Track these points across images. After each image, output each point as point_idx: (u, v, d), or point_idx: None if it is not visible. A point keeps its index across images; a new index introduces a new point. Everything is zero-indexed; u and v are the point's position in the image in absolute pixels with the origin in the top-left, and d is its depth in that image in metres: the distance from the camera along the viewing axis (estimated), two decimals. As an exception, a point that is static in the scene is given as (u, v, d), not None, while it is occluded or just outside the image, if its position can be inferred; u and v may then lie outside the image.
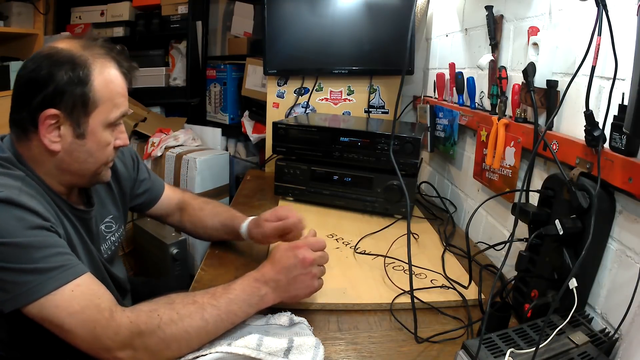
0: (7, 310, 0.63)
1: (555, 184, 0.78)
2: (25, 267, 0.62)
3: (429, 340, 0.74)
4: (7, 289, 0.62)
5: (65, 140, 0.71)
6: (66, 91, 0.68)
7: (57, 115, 0.69)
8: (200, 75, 2.52)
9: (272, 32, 1.66)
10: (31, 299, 0.62)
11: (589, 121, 0.71)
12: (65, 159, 0.73)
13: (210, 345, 0.67)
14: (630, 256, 0.67)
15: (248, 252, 1.03)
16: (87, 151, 0.74)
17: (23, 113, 0.69)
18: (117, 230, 0.95)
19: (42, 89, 0.68)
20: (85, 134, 0.72)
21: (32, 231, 0.64)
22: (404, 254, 0.86)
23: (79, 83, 0.69)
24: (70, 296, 0.63)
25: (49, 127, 0.69)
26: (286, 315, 0.74)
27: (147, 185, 1.03)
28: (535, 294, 0.77)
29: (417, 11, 1.68)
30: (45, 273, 0.63)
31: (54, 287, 0.62)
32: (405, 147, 1.20)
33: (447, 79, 1.43)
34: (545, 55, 0.88)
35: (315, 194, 1.33)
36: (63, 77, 0.68)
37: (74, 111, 0.70)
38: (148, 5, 2.48)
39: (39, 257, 0.63)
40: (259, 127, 2.29)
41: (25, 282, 0.62)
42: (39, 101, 0.68)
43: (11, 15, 2.25)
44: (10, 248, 0.62)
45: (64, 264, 0.65)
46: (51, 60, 0.69)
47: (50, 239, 0.66)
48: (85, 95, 0.70)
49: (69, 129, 0.71)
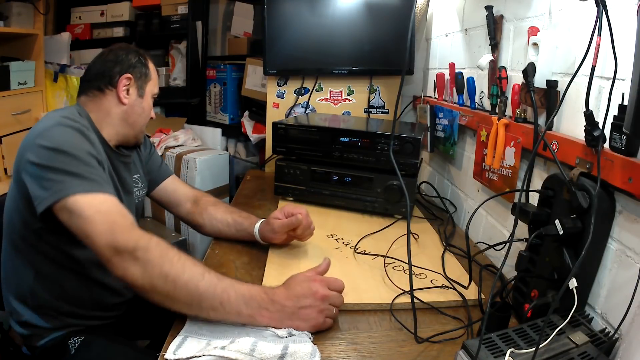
0: (44, 206, 0.77)
1: (555, 184, 0.78)
2: (72, 171, 0.79)
3: (429, 340, 0.74)
4: (49, 187, 0.78)
5: (131, 97, 1.01)
6: (137, 66, 1.02)
7: (130, 78, 1.00)
8: (200, 75, 2.53)
9: (272, 32, 1.66)
10: (69, 193, 0.76)
11: (589, 121, 0.71)
12: (129, 110, 1.01)
13: (205, 345, 0.67)
14: (630, 256, 0.67)
15: (248, 252, 1.03)
16: (142, 108, 1.04)
17: (105, 79, 0.98)
18: (141, 189, 1.14)
19: (122, 64, 1.00)
20: (143, 95, 1.04)
21: (87, 154, 0.84)
22: (404, 254, 0.86)
23: (142, 64, 1.03)
24: (101, 200, 0.78)
25: (124, 86, 0.99)
26: (284, 329, 0.72)
27: (155, 167, 1.20)
28: (535, 294, 0.77)
29: (417, 11, 1.68)
30: (85, 179, 0.79)
31: (90, 190, 0.78)
32: (405, 147, 1.20)
33: (447, 79, 1.43)
34: (545, 55, 0.88)
35: (315, 194, 1.33)
36: (133, 59, 1.02)
37: (140, 79, 1.02)
38: (148, 5, 2.49)
39: (84, 168, 0.81)
40: (259, 127, 2.29)
41: (68, 181, 0.78)
42: (118, 70, 0.99)
43: (11, 15, 2.25)
44: (65, 156, 0.80)
45: (101, 182, 0.82)
46: (126, 51, 1.02)
47: (95, 164, 0.85)
48: (145, 72, 1.04)
49: (135, 90, 1.01)
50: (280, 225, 0.97)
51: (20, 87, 2.26)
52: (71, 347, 0.94)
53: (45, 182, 0.78)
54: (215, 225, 1.10)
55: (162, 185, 1.19)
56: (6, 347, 1.02)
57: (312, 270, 0.80)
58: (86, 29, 2.67)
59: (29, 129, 0.90)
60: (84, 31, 2.68)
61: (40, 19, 2.37)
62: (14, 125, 2.20)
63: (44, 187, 0.78)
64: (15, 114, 2.22)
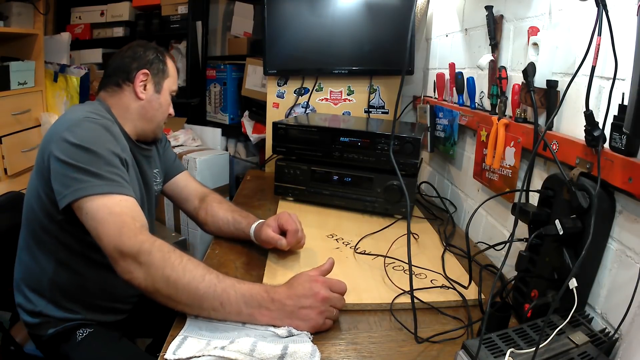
0: (64, 203, 0.81)
1: (555, 184, 0.78)
2: (93, 171, 0.81)
3: (429, 340, 0.74)
4: (70, 185, 0.81)
5: (148, 93, 1.03)
6: (154, 62, 1.04)
7: (147, 74, 1.02)
8: (200, 75, 2.53)
9: (272, 32, 1.66)
10: (87, 194, 0.79)
11: (589, 121, 0.71)
12: (146, 105, 1.03)
13: (205, 345, 0.67)
14: (630, 256, 0.67)
15: (248, 253, 1.03)
16: (160, 103, 1.05)
17: (122, 75, 1.01)
18: (159, 184, 1.18)
19: (139, 60, 1.02)
20: (160, 91, 1.05)
21: (110, 152, 0.86)
22: (404, 254, 0.86)
23: (160, 61, 1.05)
24: (116, 202, 0.81)
25: (141, 82, 1.01)
26: (284, 328, 0.72)
27: (169, 162, 1.22)
28: (535, 294, 0.77)
29: (417, 11, 1.68)
30: (105, 180, 0.82)
31: (107, 191, 0.81)
32: (405, 147, 1.20)
33: (447, 79, 1.43)
34: (545, 55, 0.88)
35: (315, 194, 1.33)
36: (151, 55, 1.04)
37: (157, 75, 1.04)
38: (148, 5, 2.49)
39: (105, 169, 0.83)
40: (259, 127, 2.29)
41: (88, 181, 0.80)
42: (136, 66, 1.01)
43: (11, 15, 2.25)
44: (89, 154, 0.82)
45: (121, 182, 0.84)
46: (143, 47, 1.05)
47: (118, 162, 0.87)
48: (163, 68, 1.05)
49: (152, 85, 1.03)
50: (267, 239, 0.97)
51: (20, 87, 2.26)
52: (78, 335, 0.97)
53: (66, 180, 0.81)
54: (217, 222, 1.11)
55: (174, 180, 1.22)
56: (6, 347, 1.02)
57: (316, 269, 0.80)
58: (86, 29, 2.67)
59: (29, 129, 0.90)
60: (84, 31, 2.67)
61: (40, 19, 2.37)
62: (13, 125, 2.19)
63: (65, 185, 0.81)
64: (15, 114, 2.21)
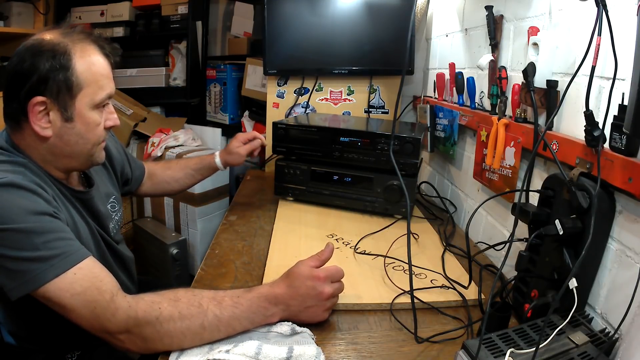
0: (14, 297, 0.65)
1: (555, 184, 0.78)
2: (28, 255, 0.64)
3: (429, 340, 0.74)
4: (13, 277, 0.65)
5: (55, 125, 0.74)
6: (49, 78, 0.71)
7: (44, 101, 0.72)
8: (200, 75, 2.52)
9: (272, 32, 1.66)
10: (35, 286, 0.65)
11: (589, 121, 0.71)
12: (58, 143, 0.76)
13: (208, 350, 0.67)
14: (630, 256, 0.67)
15: (248, 253, 1.03)
16: (77, 133, 0.77)
17: (14, 105, 0.73)
18: (119, 210, 1.00)
19: (27, 79, 0.71)
20: (73, 117, 0.75)
21: (34, 217, 0.66)
22: (404, 254, 0.86)
23: (60, 69, 0.72)
24: (72, 279, 0.66)
25: (38, 114, 0.72)
26: (287, 325, 0.72)
27: (134, 167, 1.13)
28: (535, 294, 0.77)
29: (417, 11, 1.68)
30: (47, 261, 0.65)
31: (56, 274, 0.65)
32: (405, 147, 1.20)
33: (447, 79, 1.43)
34: (545, 55, 0.88)
35: (315, 194, 1.33)
36: (45, 65, 0.71)
37: (60, 96, 0.73)
38: (148, 5, 2.48)
39: (41, 243, 0.65)
40: (259, 127, 2.29)
41: (29, 270, 0.64)
42: (26, 91, 0.71)
43: (11, 15, 2.25)
44: (13, 234, 0.64)
45: (65, 251, 0.67)
46: (32, 51, 0.72)
47: (52, 224, 0.68)
48: (68, 79, 0.73)
49: (57, 113, 0.74)
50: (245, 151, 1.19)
51: (20, 87, 2.25)
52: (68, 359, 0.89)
53: (6, 272, 0.65)
54: (180, 182, 1.21)
55: (144, 181, 1.19)
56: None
57: (315, 258, 0.77)
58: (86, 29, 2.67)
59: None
60: (84, 31, 2.67)
61: (40, 19, 2.37)
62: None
63: (7, 277, 0.65)
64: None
